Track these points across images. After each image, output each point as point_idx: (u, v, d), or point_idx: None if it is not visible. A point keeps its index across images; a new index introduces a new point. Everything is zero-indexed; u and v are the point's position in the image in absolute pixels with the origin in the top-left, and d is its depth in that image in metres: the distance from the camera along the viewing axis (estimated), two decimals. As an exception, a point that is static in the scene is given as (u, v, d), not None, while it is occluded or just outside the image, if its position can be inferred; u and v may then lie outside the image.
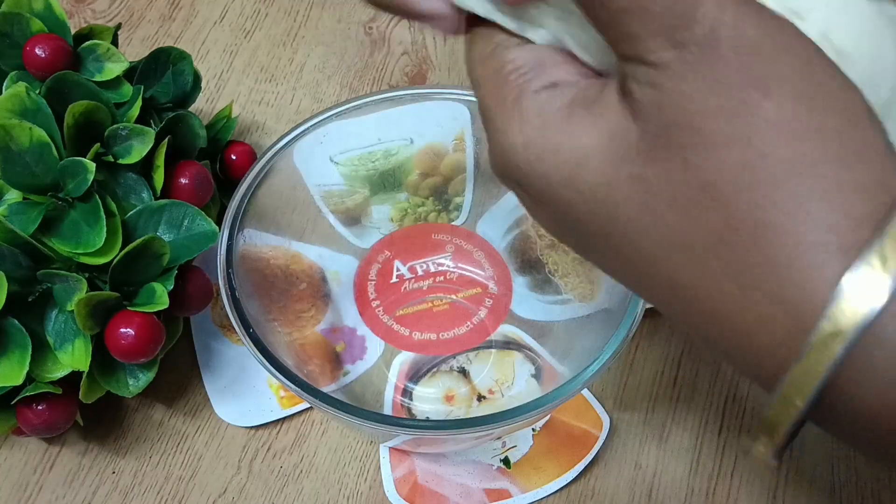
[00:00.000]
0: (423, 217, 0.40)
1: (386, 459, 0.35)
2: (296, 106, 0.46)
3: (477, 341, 0.37)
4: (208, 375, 0.37)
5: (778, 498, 0.35)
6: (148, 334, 0.31)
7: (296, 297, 0.36)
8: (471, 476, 0.34)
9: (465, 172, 0.38)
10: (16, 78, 0.35)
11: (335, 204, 0.38)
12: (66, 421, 0.32)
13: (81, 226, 0.31)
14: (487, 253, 0.39)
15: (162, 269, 0.32)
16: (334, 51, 0.48)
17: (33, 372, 0.31)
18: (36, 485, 0.34)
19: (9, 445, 0.35)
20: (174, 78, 0.38)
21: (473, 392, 0.36)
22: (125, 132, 0.33)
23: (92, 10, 0.50)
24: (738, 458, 0.36)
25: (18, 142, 0.31)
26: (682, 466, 0.35)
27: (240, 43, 0.49)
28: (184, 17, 0.50)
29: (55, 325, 0.31)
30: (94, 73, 0.35)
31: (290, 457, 0.35)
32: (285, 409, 0.36)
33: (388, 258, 0.39)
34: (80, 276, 0.30)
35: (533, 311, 0.37)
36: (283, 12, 0.50)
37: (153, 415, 0.36)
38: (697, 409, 0.37)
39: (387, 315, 0.38)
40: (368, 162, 0.37)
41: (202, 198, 0.35)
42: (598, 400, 0.36)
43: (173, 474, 0.35)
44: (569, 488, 0.34)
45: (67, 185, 0.31)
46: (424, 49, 0.49)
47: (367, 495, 0.34)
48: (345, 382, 0.36)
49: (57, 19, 0.36)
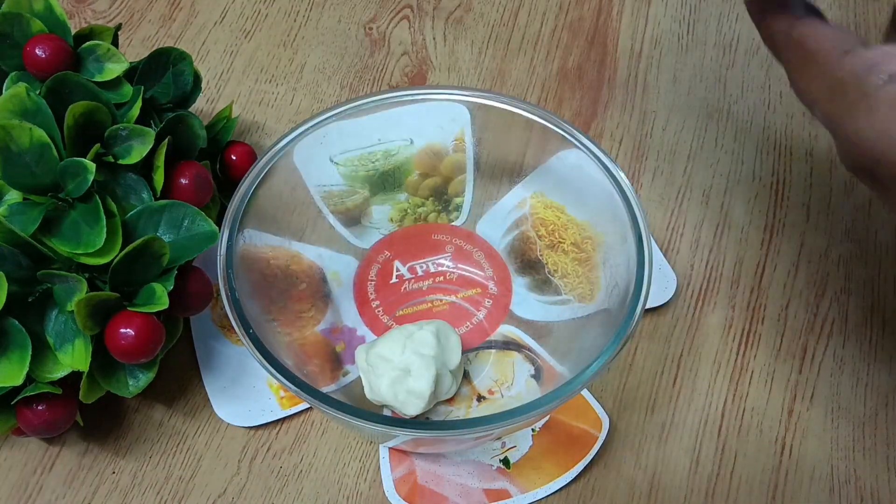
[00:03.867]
0: (422, 217, 0.40)
1: (385, 459, 0.35)
2: (296, 106, 0.46)
3: (476, 342, 0.37)
4: (208, 375, 0.37)
5: (777, 498, 0.35)
6: (148, 334, 0.31)
7: (296, 297, 0.36)
8: (470, 476, 0.34)
9: (465, 173, 0.38)
10: (16, 78, 0.35)
11: (335, 204, 0.38)
12: (66, 421, 0.32)
13: (81, 226, 0.31)
14: (487, 253, 0.39)
15: (162, 270, 0.32)
16: (334, 51, 0.48)
17: (33, 372, 0.31)
18: (36, 485, 0.34)
19: (9, 445, 0.35)
20: (174, 78, 0.38)
21: (473, 392, 0.36)
22: (125, 132, 0.33)
23: (92, 11, 0.50)
24: (738, 458, 0.36)
25: (18, 142, 0.31)
26: (682, 466, 0.35)
27: (240, 43, 0.49)
28: (184, 18, 0.50)
29: (55, 326, 0.31)
30: (95, 73, 0.36)
31: (290, 457, 0.35)
32: (285, 409, 0.36)
33: (388, 258, 0.39)
34: (80, 277, 0.30)
35: (532, 311, 0.37)
36: (283, 13, 0.50)
37: (153, 415, 0.36)
38: (697, 409, 0.37)
39: (387, 315, 0.38)
40: (368, 162, 0.37)
41: (202, 198, 0.36)
42: (598, 400, 0.36)
43: (173, 474, 0.35)
44: (569, 488, 0.34)
45: (67, 185, 0.31)
46: (424, 49, 0.49)
47: (367, 495, 0.34)
48: (345, 382, 0.36)
49: (57, 20, 0.36)
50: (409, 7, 0.51)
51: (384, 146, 0.37)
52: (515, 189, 0.38)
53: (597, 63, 0.48)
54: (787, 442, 0.36)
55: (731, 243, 0.42)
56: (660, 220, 0.42)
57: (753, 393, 0.37)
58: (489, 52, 0.49)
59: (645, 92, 0.47)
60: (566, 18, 0.50)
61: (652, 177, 0.44)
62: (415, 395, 0.33)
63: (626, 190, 0.32)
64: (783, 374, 0.38)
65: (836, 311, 0.39)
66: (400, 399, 0.33)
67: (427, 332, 0.34)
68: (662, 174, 0.44)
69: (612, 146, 0.45)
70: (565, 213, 0.37)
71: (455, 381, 0.35)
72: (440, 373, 0.33)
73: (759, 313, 0.39)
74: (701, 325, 0.39)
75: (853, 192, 0.43)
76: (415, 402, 0.33)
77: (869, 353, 0.38)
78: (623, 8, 0.51)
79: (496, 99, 0.35)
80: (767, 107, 0.46)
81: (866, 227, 0.42)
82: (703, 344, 0.38)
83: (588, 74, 0.48)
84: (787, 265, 0.41)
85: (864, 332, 0.39)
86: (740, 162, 0.44)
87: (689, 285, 0.40)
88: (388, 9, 0.50)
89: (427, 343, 0.34)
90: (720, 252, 0.41)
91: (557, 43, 0.49)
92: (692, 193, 0.43)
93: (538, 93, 0.47)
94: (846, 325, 0.39)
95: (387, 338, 0.35)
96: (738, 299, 0.40)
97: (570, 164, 0.34)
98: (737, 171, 0.44)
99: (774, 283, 0.40)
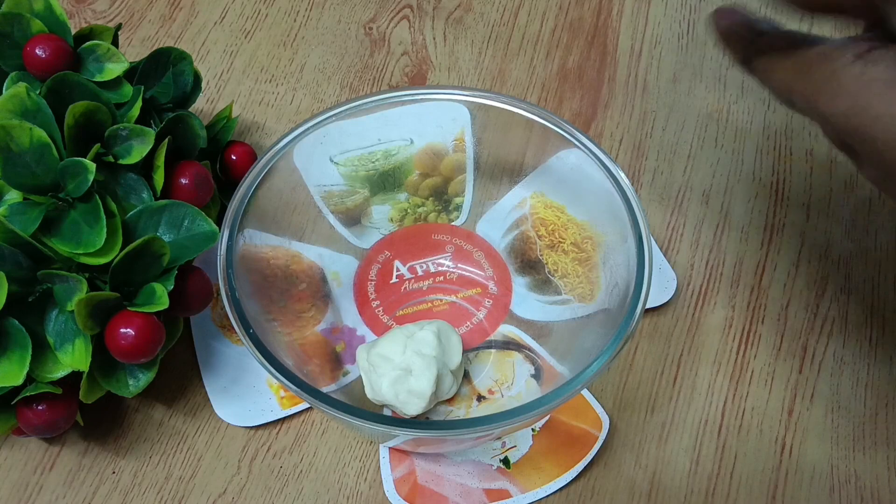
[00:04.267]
0: (423, 217, 0.40)
1: (386, 459, 0.35)
2: (296, 106, 0.46)
3: (477, 341, 0.37)
4: (208, 375, 0.37)
5: (777, 498, 0.35)
6: (148, 334, 0.31)
7: (296, 297, 0.36)
8: (470, 476, 0.34)
9: (465, 173, 0.38)
10: (16, 78, 0.35)
11: (335, 204, 0.38)
12: (66, 421, 0.32)
13: (82, 226, 0.31)
14: (487, 253, 0.39)
15: (162, 270, 0.32)
16: (334, 51, 0.48)
17: (33, 372, 0.31)
18: (36, 485, 0.34)
19: (9, 445, 0.35)
20: (174, 78, 0.38)
21: (473, 392, 0.36)
22: (125, 132, 0.33)
23: (92, 11, 0.50)
24: (738, 458, 0.36)
25: (19, 142, 0.31)
26: (682, 466, 0.35)
27: (240, 43, 0.49)
28: (184, 18, 0.50)
29: (55, 326, 0.31)
30: (95, 73, 0.35)
31: (290, 457, 0.35)
32: (285, 409, 0.36)
33: (388, 258, 0.39)
34: (80, 277, 0.30)
35: (532, 311, 0.37)
36: (283, 13, 0.50)
37: (153, 415, 0.36)
38: (697, 409, 0.37)
39: (387, 315, 0.38)
40: (368, 162, 0.37)
41: (202, 198, 0.36)
42: (598, 400, 0.36)
43: (173, 474, 0.35)
44: (569, 488, 0.34)
45: (68, 185, 0.31)
46: (424, 49, 0.49)
47: (367, 495, 0.34)
48: (345, 382, 0.36)
49: (57, 20, 0.36)
50: (409, 7, 0.51)
51: (384, 146, 0.37)
52: (515, 189, 0.38)
53: (597, 63, 0.48)
54: (787, 442, 0.36)
55: (731, 243, 0.42)
56: (660, 220, 0.42)
57: (753, 393, 0.37)
58: (489, 52, 0.49)
59: (645, 92, 0.47)
60: (566, 18, 0.50)
61: (652, 177, 0.44)
62: (416, 395, 0.33)
63: (626, 190, 0.32)
64: (783, 374, 0.38)
65: (836, 311, 0.39)
66: (401, 399, 0.33)
67: (428, 332, 0.34)
68: (662, 174, 0.44)
69: (612, 146, 0.45)
70: (565, 212, 0.37)
71: (456, 382, 0.35)
72: (441, 373, 0.33)
73: (759, 313, 0.39)
74: (701, 325, 0.39)
75: (853, 192, 0.43)
76: (416, 402, 0.33)
77: (869, 353, 0.38)
78: (623, 8, 0.51)
79: (496, 99, 0.35)
80: (767, 107, 0.46)
81: (866, 227, 0.42)
82: (703, 344, 0.38)
83: (588, 74, 0.48)
84: (787, 265, 0.41)
85: (864, 332, 0.39)
86: (740, 162, 0.44)
87: (689, 285, 0.40)
88: (388, 9, 0.50)
89: (428, 343, 0.34)
90: (720, 252, 0.41)
91: (557, 43, 0.49)
92: (692, 193, 0.43)
93: (538, 93, 0.47)
94: (846, 325, 0.39)
95: (388, 337, 0.35)
96: (738, 299, 0.40)
97: (570, 164, 0.34)
98: (737, 171, 0.44)
99: (774, 283, 0.40)
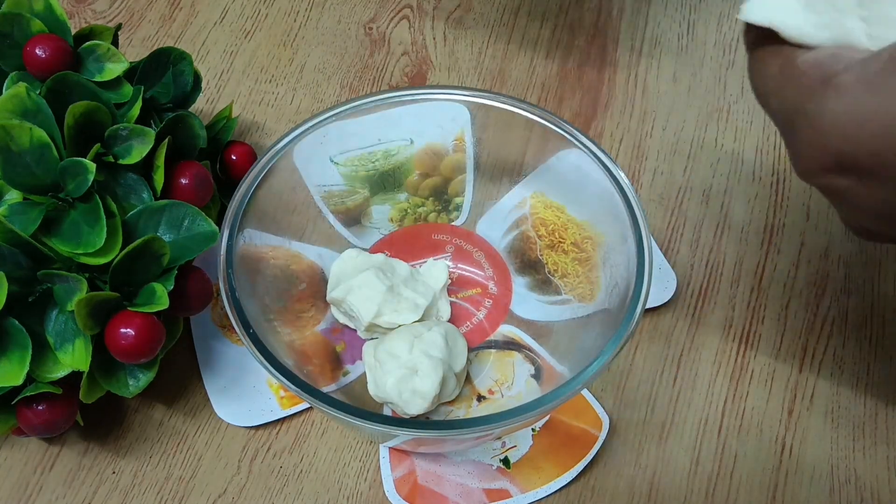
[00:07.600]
0: (423, 217, 0.40)
1: (386, 459, 0.35)
2: (296, 106, 0.46)
3: (477, 341, 0.37)
4: (208, 375, 0.37)
5: (777, 498, 0.35)
6: (148, 334, 0.31)
7: (296, 297, 0.36)
8: (470, 476, 0.34)
9: (465, 173, 0.38)
10: (16, 78, 0.35)
11: (335, 204, 0.38)
12: (66, 421, 0.32)
13: (81, 226, 0.31)
14: (487, 253, 0.39)
15: (162, 270, 0.32)
16: (334, 51, 0.48)
17: (33, 372, 0.31)
18: (36, 485, 0.34)
19: (9, 445, 0.35)
20: (174, 78, 0.38)
21: (473, 392, 0.36)
22: (125, 132, 0.33)
23: (92, 11, 0.50)
24: (738, 458, 0.36)
25: (19, 142, 0.31)
26: (682, 466, 0.35)
27: (240, 43, 0.49)
28: (184, 18, 0.50)
29: (55, 326, 0.31)
30: (95, 73, 0.36)
31: (290, 457, 0.35)
32: (285, 409, 0.36)
33: (388, 258, 0.39)
34: (80, 277, 0.30)
35: (533, 311, 0.37)
36: (283, 13, 0.50)
37: (153, 415, 0.36)
38: (697, 409, 0.37)
39: (387, 315, 0.38)
40: (368, 162, 0.37)
41: (202, 198, 0.36)
42: (598, 400, 0.36)
43: (173, 474, 0.35)
44: (568, 488, 0.34)
45: (68, 185, 0.31)
46: (424, 49, 0.49)
47: (367, 495, 0.34)
48: (345, 382, 0.36)
49: (57, 20, 0.36)
50: (409, 7, 0.51)
51: (384, 146, 0.37)
52: (515, 189, 0.38)
53: (597, 63, 0.48)
54: (787, 442, 0.36)
55: (731, 243, 0.42)
56: (660, 220, 0.42)
57: (753, 393, 0.37)
58: (489, 52, 0.49)
59: (645, 92, 0.47)
60: (566, 18, 0.50)
61: (652, 177, 0.44)
62: (419, 396, 0.33)
63: (626, 190, 0.32)
64: (783, 374, 0.38)
65: (836, 311, 0.39)
66: (404, 398, 0.33)
67: (437, 334, 0.34)
68: (662, 174, 0.44)
69: (612, 146, 0.45)
70: (565, 212, 0.37)
71: (458, 385, 0.35)
72: (446, 375, 0.33)
73: (759, 313, 0.39)
74: (701, 325, 0.39)
75: (853, 192, 0.43)
76: (418, 402, 0.33)
77: (869, 353, 0.38)
78: (623, 8, 0.51)
79: (496, 99, 0.35)
80: (767, 107, 0.46)
81: (866, 227, 0.42)
82: (703, 344, 0.38)
83: (588, 74, 0.48)
84: (787, 265, 0.41)
85: (864, 332, 0.39)
86: (740, 162, 0.44)
87: (689, 285, 0.40)
88: (388, 9, 0.50)
89: (436, 345, 0.34)
90: (720, 252, 0.41)
91: (557, 43, 0.49)
92: (692, 193, 0.43)
93: (538, 93, 0.47)
94: (846, 325, 0.39)
95: (395, 335, 0.35)
96: (738, 299, 0.40)
97: (570, 164, 0.34)
98: (737, 171, 0.44)
99: (774, 283, 0.40)
